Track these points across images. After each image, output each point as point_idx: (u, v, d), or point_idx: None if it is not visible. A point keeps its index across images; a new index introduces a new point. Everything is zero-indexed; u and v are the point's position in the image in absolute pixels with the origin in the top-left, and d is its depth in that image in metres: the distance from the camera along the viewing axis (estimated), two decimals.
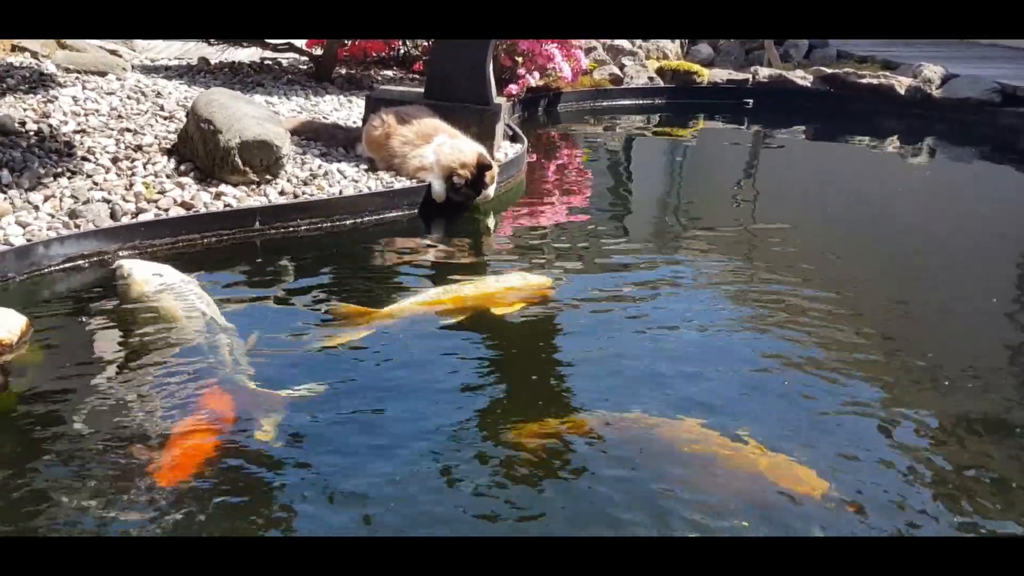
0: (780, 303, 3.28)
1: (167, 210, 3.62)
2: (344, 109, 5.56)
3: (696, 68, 7.96)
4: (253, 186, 3.93)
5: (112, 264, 3.14)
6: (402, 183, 4.25)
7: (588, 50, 7.65)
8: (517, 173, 4.90)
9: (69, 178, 3.68)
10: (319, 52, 6.41)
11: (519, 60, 6.68)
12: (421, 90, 4.88)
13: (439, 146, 4.25)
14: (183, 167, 3.94)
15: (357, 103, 5.61)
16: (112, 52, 5.65)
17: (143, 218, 3.53)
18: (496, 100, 4.78)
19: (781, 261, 3.82)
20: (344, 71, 6.63)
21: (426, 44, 6.87)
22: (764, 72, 7.93)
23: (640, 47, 8.37)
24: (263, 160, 3.94)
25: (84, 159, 3.86)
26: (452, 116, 4.51)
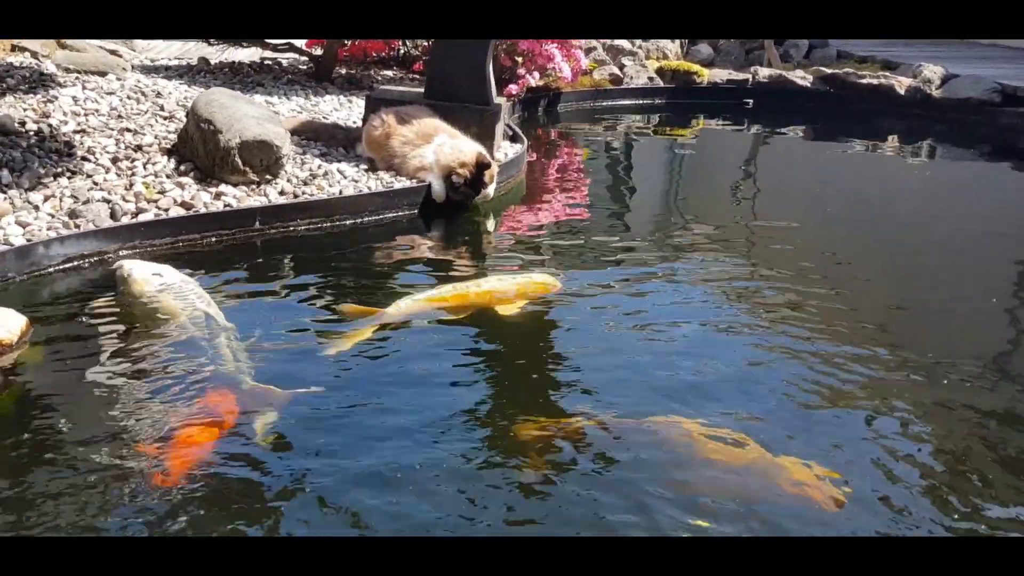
0: (781, 303, 3.29)
1: (167, 210, 3.62)
2: (344, 109, 5.56)
3: (696, 68, 7.96)
4: (253, 186, 3.93)
5: (112, 264, 3.14)
6: (402, 183, 4.25)
7: (588, 50, 7.66)
8: (517, 173, 4.90)
9: (69, 178, 3.68)
10: (319, 52, 6.41)
11: (519, 60, 6.68)
12: (421, 90, 4.88)
13: (439, 146, 4.26)
14: (183, 167, 3.95)
15: (357, 103, 5.61)
16: (112, 52, 5.65)
17: (143, 218, 3.53)
18: (496, 100, 4.78)
19: (781, 261, 3.82)
20: (344, 71, 6.63)
21: (426, 44, 6.87)
22: (764, 72, 7.93)
23: (640, 47, 8.37)
24: (263, 160, 3.94)
25: (84, 159, 3.86)
26: (452, 116, 4.52)
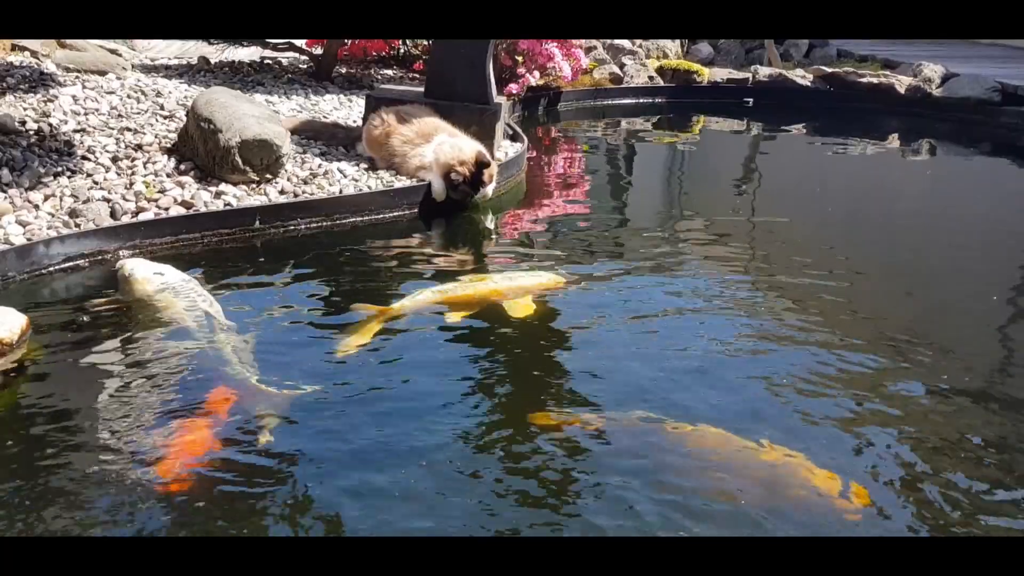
0: (782, 301, 3.28)
1: (167, 209, 3.62)
2: (344, 108, 5.56)
3: (696, 67, 7.96)
4: (253, 185, 3.93)
5: (112, 263, 3.14)
6: (402, 182, 4.25)
7: (588, 49, 7.66)
8: (517, 172, 4.90)
9: (69, 177, 3.68)
10: (319, 51, 6.41)
11: (519, 59, 6.68)
12: (421, 89, 4.88)
13: (439, 145, 4.26)
14: (183, 166, 3.95)
15: (357, 102, 5.61)
16: (112, 51, 5.65)
17: (143, 217, 3.53)
18: (496, 99, 4.78)
19: (783, 259, 3.82)
20: (344, 70, 6.63)
21: (426, 43, 6.87)
22: (764, 71, 7.93)
23: (640, 46, 8.38)
24: (263, 159, 3.94)
25: (84, 158, 3.86)
26: (452, 115, 4.52)
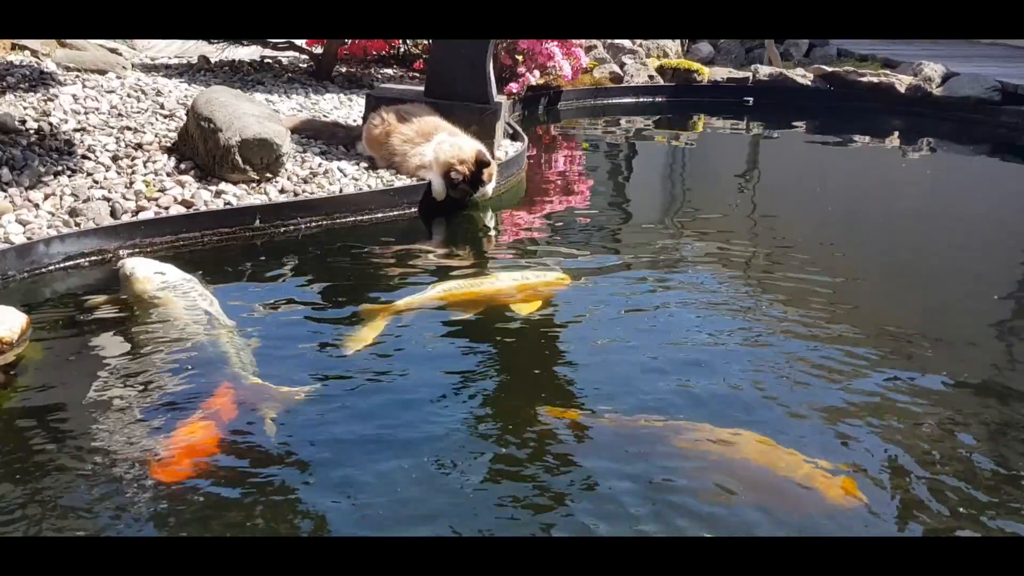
0: (783, 300, 3.28)
1: (167, 208, 3.63)
2: (344, 107, 5.56)
3: (696, 66, 7.96)
4: (253, 184, 3.93)
5: (113, 262, 3.14)
6: (402, 181, 4.26)
7: (588, 48, 7.66)
8: (517, 171, 4.90)
9: (69, 176, 3.69)
10: (319, 50, 6.41)
11: (519, 58, 6.68)
12: (421, 88, 4.88)
13: (439, 144, 4.26)
14: (183, 165, 3.95)
15: (357, 101, 5.61)
16: (112, 51, 5.65)
17: (143, 216, 3.54)
18: (496, 98, 4.78)
19: (783, 259, 3.82)
20: (344, 69, 6.63)
21: (426, 43, 6.87)
22: (764, 70, 7.93)
23: (640, 45, 8.37)
24: (263, 158, 3.94)
25: (84, 157, 3.86)
26: (452, 114, 4.52)
